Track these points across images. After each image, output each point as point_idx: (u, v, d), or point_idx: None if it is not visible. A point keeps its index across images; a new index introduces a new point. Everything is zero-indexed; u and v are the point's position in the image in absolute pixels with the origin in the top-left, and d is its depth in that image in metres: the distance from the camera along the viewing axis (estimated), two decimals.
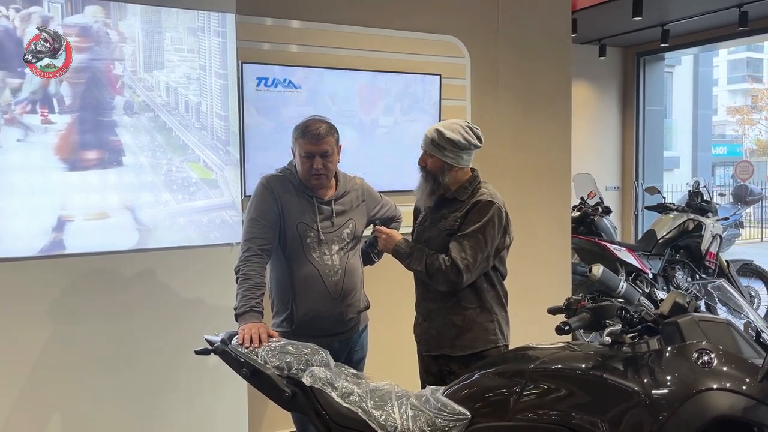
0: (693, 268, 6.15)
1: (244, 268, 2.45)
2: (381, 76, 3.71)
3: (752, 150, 27.09)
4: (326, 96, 3.57)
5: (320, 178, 2.55)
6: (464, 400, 2.02)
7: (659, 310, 1.99)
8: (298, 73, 3.47)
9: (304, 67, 3.48)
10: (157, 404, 3.07)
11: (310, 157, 2.52)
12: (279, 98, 3.45)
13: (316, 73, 3.52)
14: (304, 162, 2.53)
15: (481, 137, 2.50)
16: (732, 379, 1.76)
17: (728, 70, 32.71)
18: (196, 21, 3.12)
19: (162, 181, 3.07)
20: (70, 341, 2.89)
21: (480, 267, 2.42)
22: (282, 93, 3.45)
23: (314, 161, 2.51)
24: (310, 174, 2.54)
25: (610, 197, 9.39)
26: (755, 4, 7.23)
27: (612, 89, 10.01)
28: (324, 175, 2.55)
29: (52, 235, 2.84)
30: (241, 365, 2.14)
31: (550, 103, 4.36)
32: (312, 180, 2.55)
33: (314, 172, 2.53)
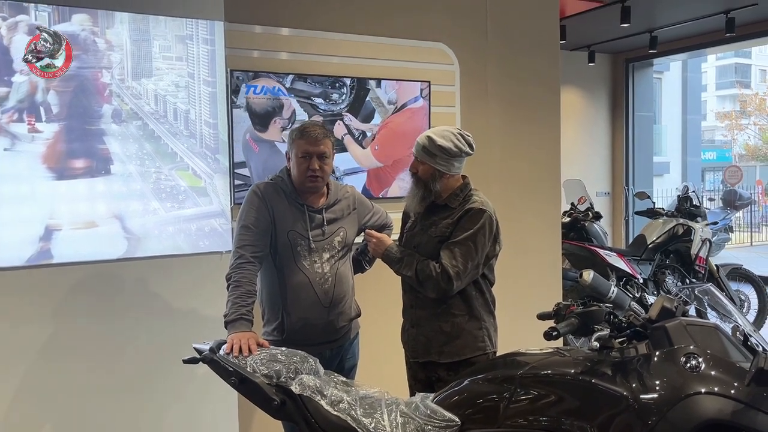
0: (683, 273, 6.18)
1: (235, 276, 2.44)
2: (370, 83, 3.71)
3: (741, 155, 27.30)
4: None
5: (316, 180, 2.53)
6: (454, 406, 2.01)
7: (647, 315, 2.00)
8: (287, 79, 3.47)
9: (294, 74, 3.48)
10: (146, 413, 3.05)
11: (308, 158, 2.50)
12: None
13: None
14: (301, 163, 2.51)
15: (472, 144, 2.50)
16: (720, 383, 1.77)
17: (717, 76, 32.99)
18: (185, 29, 3.12)
19: (151, 189, 3.06)
20: (58, 351, 2.87)
21: (470, 275, 2.42)
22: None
23: (311, 162, 2.50)
24: (306, 175, 2.51)
25: (600, 202, 9.43)
26: (742, 10, 7.31)
27: (601, 95, 10.07)
28: (320, 177, 2.53)
29: (39, 244, 2.83)
30: (229, 374, 2.13)
31: (539, 109, 4.38)
32: (307, 182, 2.53)
33: (310, 173, 2.51)
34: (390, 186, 3.77)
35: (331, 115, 3.56)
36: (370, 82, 3.66)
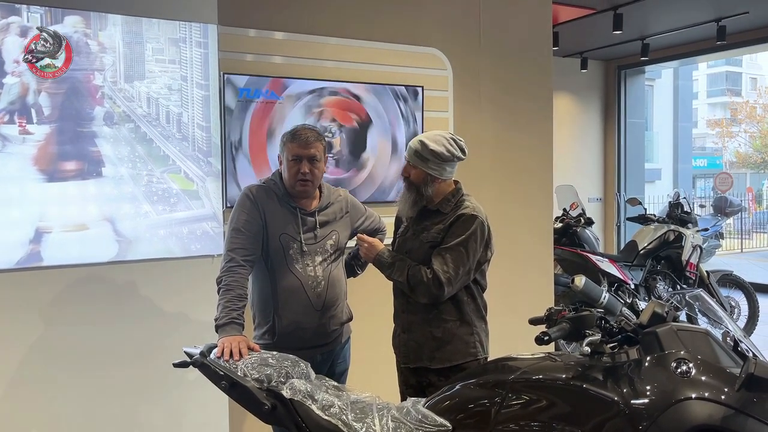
0: (674, 279, 6.20)
1: (226, 279, 2.43)
2: (363, 87, 3.72)
3: (732, 162, 27.50)
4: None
5: (306, 183, 2.52)
6: (445, 411, 2.01)
7: (638, 320, 2.00)
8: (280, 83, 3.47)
9: (287, 78, 3.48)
10: (136, 416, 3.03)
11: (298, 161, 2.50)
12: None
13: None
14: (292, 166, 2.51)
15: (464, 149, 2.50)
16: (710, 389, 1.77)
17: (708, 84, 33.23)
18: (178, 32, 3.11)
19: (142, 192, 3.04)
20: (47, 353, 2.84)
21: (461, 280, 2.42)
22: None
23: (302, 165, 2.49)
24: (296, 179, 2.51)
25: (592, 208, 9.47)
26: (733, 18, 7.37)
27: (594, 102, 10.12)
28: (310, 182, 2.52)
29: (29, 246, 2.81)
30: (220, 378, 2.12)
31: (532, 115, 4.39)
32: (297, 186, 2.52)
33: (300, 177, 2.50)
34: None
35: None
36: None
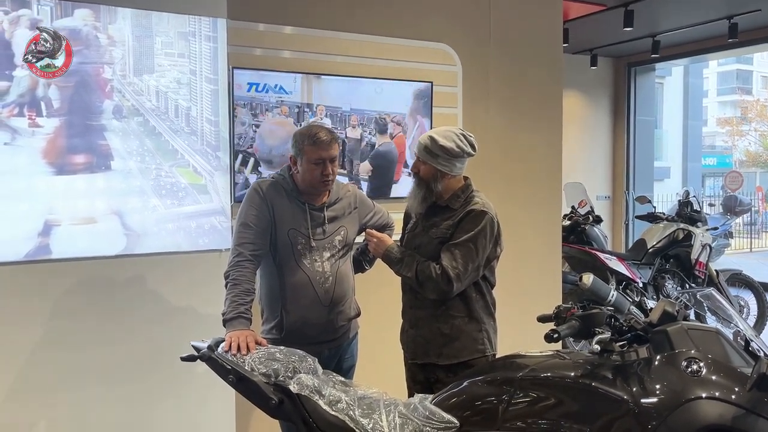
0: (683, 278, 6.17)
1: (234, 274, 2.42)
2: (373, 82, 3.70)
3: (742, 161, 27.31)
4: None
5: (328, 183, 2.55)
6: (453, 408, 2.00)
7: (648, 319, 1.99)
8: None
9: (296, 73, 3.47)
10: (143, 409, 3.04)
11: (321, 164, 2.50)
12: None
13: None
14: (314, 169, 2.50)
15: (474, 145, 2.49)
16: (721, 388, 1.75)
17: (718, 82, 32.99)
18: (187, 25, 3.11)
19: (151, 186, 3.04)
20: (55, 347, 2.85)
21: (470, 276, 2.41)
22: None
23: (326, 167, 2.50)
24: (320, 180, 2.52)
25: (600, 206, 9.42)
26: (745, 16, 7.30)
27: (603, 99, 10.06)
28: (332, 181, 2.56)
29: (38, 239, 2.81)
30: (227, 372, 2.12)
31: (541, 111, 4.37)
32: (321, 186, 2.54)
33: (324, 179, 2.52)
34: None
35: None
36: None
